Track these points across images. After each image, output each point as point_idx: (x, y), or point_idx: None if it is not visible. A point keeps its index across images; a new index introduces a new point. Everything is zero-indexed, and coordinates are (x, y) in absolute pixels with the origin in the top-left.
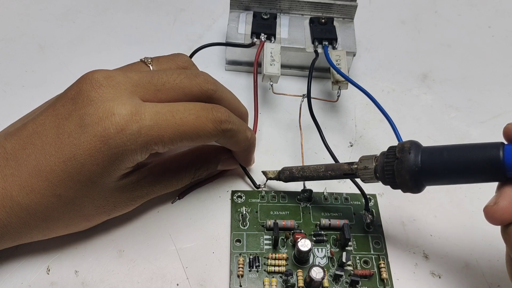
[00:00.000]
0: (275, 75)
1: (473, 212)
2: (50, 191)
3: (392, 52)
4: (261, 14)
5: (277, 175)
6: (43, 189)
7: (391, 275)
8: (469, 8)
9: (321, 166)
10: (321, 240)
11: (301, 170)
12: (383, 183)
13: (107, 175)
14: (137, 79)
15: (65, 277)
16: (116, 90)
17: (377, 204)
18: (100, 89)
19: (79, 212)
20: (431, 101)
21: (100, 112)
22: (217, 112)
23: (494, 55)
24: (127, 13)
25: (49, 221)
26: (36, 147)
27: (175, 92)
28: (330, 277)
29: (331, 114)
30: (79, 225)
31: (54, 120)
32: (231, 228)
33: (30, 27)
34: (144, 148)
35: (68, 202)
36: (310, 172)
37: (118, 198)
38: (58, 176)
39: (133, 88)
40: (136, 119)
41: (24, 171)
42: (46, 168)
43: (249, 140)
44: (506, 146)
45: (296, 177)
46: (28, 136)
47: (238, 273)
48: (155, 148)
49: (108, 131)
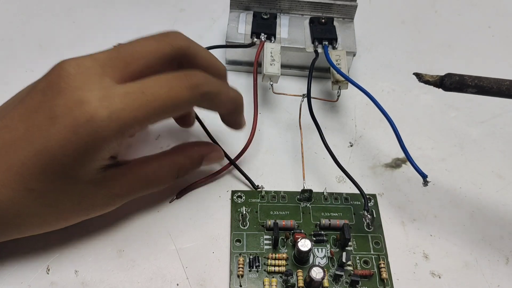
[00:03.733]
0: (275, 75)
1: (473, 212)
2: (22, 185)
3: (392, 52)
4: (261, 14)
5: (438, 80)
6: (15, 184)
7: (391, 275)
8: (469, 8)
9: (505, 80)
10: (321, 240)
11: (477, 78)
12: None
13: (81, 167)
14: (104, 58)
15: (65, 277)
16: (85, 76)
17: (377, 204)
18: (68, 78)
19: (55, 209)
20: (431, 101)
21: (70, 102)
22: (192, 77)
23: (494, 55)
24: (127, 13)
25: (23, 217)
26: (5, 141)
27: (146, 59)
28: (330, 277)
29: (331, 114)
30: (55, 223)
31: (24, 113)
32: (231, 228)
33: (30, 27)
34: (119, 133)
35: (42, 196)
36: (489, 83)
37: (95, 195)
38: (29, 170)
39: (102, 69)
40: (105, 104)
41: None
42: (17, 162)
43: (233, 99)
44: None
45: (467, 86)
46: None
47: (238, 273)
48: (131, 130)
49: (78, 121)
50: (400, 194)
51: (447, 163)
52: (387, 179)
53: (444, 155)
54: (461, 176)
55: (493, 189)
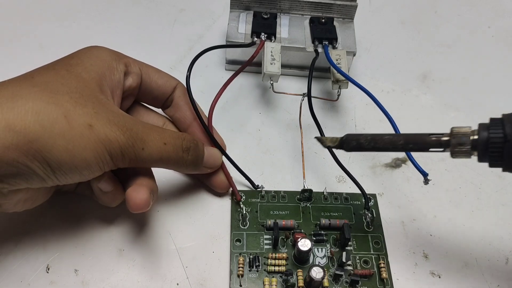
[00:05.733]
0: (276, 74)
1: (473, 212)
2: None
3: (392, 52)
4: (261, 14)
5: (338, 143)
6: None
7: (391, 275)
8: (469, 8)
9: (399, 137)
10: (321, 240)
11: (372, 141)
12: (481, 159)
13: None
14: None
15: (65, 276)
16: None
17: (377, 204)
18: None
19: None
20: (431, 101)
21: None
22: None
23: (494, 55)
24: (127, 13)
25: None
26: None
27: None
28: (330, 277)
29: (331, 114)
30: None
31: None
32: (231, 228)
33: (30, 27)
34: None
35: None
36: (384, 144)
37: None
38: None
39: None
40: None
41: None
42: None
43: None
44: None
45: (364, 148)
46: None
47: (238, 273)
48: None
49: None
50: (400, 194)
51: (447, 163)
52: (387, 179)
53: (444, 155)
54: (461, 176)
55: (493, 189)
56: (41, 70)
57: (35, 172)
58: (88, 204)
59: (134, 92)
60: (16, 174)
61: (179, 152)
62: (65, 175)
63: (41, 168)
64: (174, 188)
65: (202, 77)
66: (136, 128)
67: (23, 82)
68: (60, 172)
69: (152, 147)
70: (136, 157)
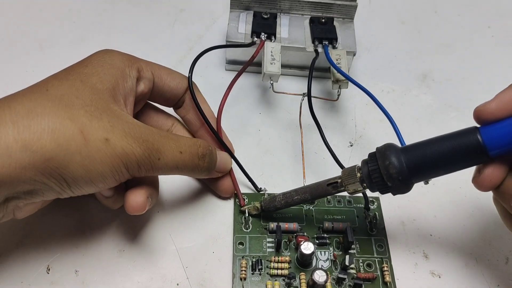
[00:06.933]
0: (276, 73)
1: (473, 212)
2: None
3: (392, 52)
4: (261, 14)
5: (260, 210)
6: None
7: (395, 279)
8: (469, 8)
9: (306, 194)
10: (324, 243)
11: (285, 203)
12: (372, 190)
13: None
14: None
15: (65, 276)
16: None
17: (380, 207)
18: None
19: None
20: (431, 101)
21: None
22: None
23: (494, 55)
24: (127, 13)
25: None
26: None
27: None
28: (333, 280)
29: (331, 114)
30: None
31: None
32: (234, 231)
33: (30, 27)
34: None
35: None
36: (295, 202)
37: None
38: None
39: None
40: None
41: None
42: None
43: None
44: (481, 128)
45: (280, 208)
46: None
47: (241, 276)
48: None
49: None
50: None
51: None
52: None
53: None
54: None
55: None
56: (55, 82)
57: (52, 188)
58: (88, 205)
59: (146, 97)
60: (33, 191)
61: (195, 160)
62: (81, 189)
63: (58, 184)
64: (174, 188)
65: (202, 77)
66: (152, 138)
67: (38, 96)
68: (76, 187)
69: (168, 156)
70: (152, 167)
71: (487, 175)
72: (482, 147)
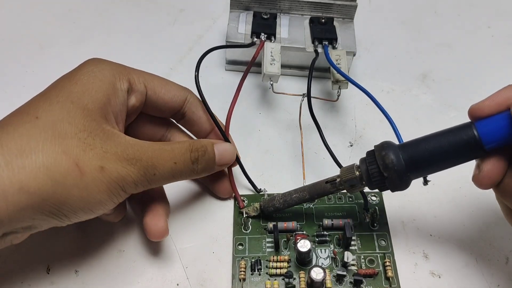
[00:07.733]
0: (275, 74)
1: (473, 212)
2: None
3: (392, 52)
4: (261, 14)
5: (259, 211)
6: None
7: (397, 273)
8: (469, 8)
9: (304, 193)
10: (324, 240)
11: (284, 203)
12: (370, 188)
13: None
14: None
15: (65, 277)
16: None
17: (383, 201)
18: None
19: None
20: (431, 101)
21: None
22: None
23: (494, 55)
24: (127, 13)
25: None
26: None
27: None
28: (334, 277)
29: (331, 114)
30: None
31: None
32: (233, 232)
33: (30, 27)
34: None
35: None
36: (294, 201)
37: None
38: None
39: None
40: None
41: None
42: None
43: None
44: (476, 123)
45: (280, 209)
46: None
47: (240, 277)
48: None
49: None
50: (400, 194)
51: None
52: None
53: None
54: (461, 176)
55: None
56: (45, 106)
57: (51, 222)
58: None
59: (138, 110)
60: (31, 226)
61: (189, 165)
62: (80, 218)
63: (56, 218)
64: (174, 188)
65: (202, 78)
66: (146, 156)
67: (29, 127)
68: (76, 217)
69: (164, 170)
70: (149, 182)
71: (486, 172)
72: (477, 141)
